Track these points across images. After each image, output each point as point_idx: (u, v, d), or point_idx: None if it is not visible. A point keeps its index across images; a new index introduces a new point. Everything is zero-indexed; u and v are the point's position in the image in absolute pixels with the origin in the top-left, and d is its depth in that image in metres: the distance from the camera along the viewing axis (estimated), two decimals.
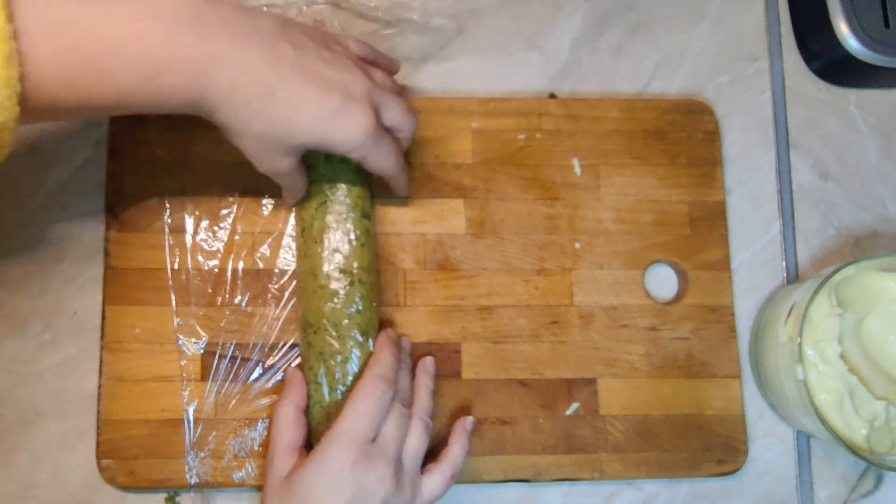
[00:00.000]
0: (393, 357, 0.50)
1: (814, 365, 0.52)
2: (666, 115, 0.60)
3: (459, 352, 0.56)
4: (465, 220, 0.58)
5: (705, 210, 0.59)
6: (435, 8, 0.62)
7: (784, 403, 0.55)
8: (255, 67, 0.43)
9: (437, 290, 0.57)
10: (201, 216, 0.57)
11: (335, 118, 0.45)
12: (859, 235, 0.61)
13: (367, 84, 0.47)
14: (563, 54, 0.62)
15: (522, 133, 0.59)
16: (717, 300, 0.58)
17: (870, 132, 0.62)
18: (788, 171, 0.62)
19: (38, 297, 0.56)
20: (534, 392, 0.56)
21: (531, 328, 0.57)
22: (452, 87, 0.61)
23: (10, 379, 0.55)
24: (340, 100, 0.45)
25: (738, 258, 0.60)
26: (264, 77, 0.44)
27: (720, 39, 0.63)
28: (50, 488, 0.54)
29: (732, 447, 0.56)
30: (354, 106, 0.46)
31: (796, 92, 0.63)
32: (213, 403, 0.54)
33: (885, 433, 0.51)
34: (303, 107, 0.45)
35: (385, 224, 0.58)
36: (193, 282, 0.56)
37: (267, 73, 0.44)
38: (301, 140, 0.46)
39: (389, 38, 0.62)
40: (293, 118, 0.45)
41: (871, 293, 0.52)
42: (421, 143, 0.58)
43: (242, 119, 0.44)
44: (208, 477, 0.53)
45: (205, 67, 0.42)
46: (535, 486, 0.56)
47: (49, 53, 0.39)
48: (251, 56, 0.43)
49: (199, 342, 0.55)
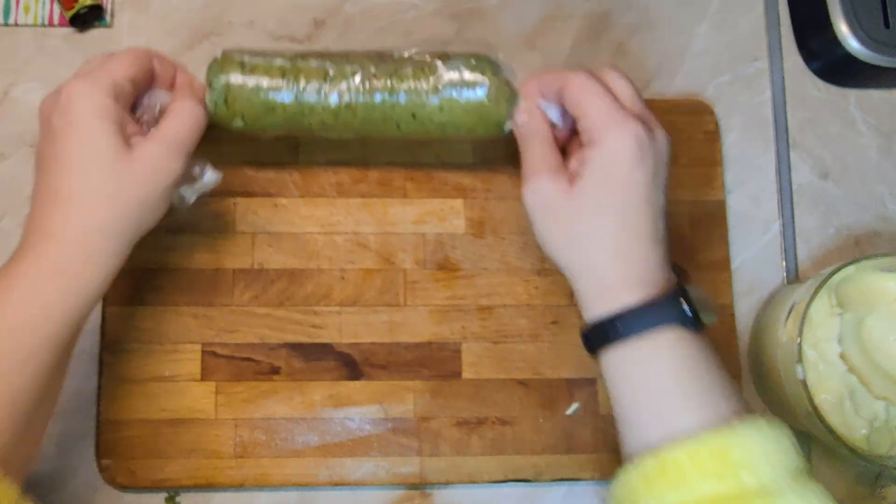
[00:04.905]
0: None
1: (814, 365, 0.52)
2: (666, 115, 0.60)
3: (459, 352, 0.56)
4: (465, 220, 0.58)
5: (705, 210, 0.59)
6: (435, 8, 0.62)
7: (784, 403, 0.55)
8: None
9: (437, 289, 0.57)
10: (201, 216, 0.57)
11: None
12: (859, 235, 0.61)
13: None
14: (563, 54, 0.62)
15: None
16: (717, 300, 0.58)
17: (870, 132, 0.62)
18: (788, 171, 0.62)
19: None
20: (534, 392, 0.56)
21: (531, 328, 0.57)
22: None
23: None
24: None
25: (738, 258, 0.60)
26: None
27: (720, 39, 0.63)
28: (50, 488, 0.54)
29: None
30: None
31: (796, 92, 0.63)
32: (213, 403, 0.54)
33: (885, 433, 0.51)
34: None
35: (385, 224, 0.58)
36: (193, 282, 0.56)
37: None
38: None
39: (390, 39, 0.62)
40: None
41: (871, 293, 0.52)
42: (421, 142, 0.58)
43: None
44: (209, 477, 0.53)
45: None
46: (536, 486, 0.56)
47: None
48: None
49: (198, 342, 0.55)
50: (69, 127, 0.41)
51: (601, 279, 0.44)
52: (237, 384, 0.55)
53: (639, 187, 0.44)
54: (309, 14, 0.62)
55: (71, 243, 0.41)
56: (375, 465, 0.54)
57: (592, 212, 0.44)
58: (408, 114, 0.50)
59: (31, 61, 0.60)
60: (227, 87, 0.48)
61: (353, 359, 0.56)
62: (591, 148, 0.44)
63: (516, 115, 0.49)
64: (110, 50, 0.60)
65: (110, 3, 0.61)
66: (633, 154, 0.44)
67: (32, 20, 0.60)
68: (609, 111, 0.44)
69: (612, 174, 0.44)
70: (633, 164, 0.44)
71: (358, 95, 0.49)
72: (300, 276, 0.57)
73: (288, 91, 0.49)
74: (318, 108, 0.49)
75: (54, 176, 0.41)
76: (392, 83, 0.49)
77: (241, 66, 0.49)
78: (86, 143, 0.41)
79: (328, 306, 0.56)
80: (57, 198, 0.41)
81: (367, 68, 0.49)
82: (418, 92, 0.49)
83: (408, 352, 0.56)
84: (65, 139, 0.41)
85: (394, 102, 0.49)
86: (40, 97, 0.59)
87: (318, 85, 0.49)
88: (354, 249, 0.57)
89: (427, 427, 0.55)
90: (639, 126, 0.44)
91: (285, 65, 0.49)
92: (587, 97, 0.45)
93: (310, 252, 0.57)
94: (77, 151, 0.41)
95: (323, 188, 0.58)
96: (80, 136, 0.41)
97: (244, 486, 0.54)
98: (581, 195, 0.44)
